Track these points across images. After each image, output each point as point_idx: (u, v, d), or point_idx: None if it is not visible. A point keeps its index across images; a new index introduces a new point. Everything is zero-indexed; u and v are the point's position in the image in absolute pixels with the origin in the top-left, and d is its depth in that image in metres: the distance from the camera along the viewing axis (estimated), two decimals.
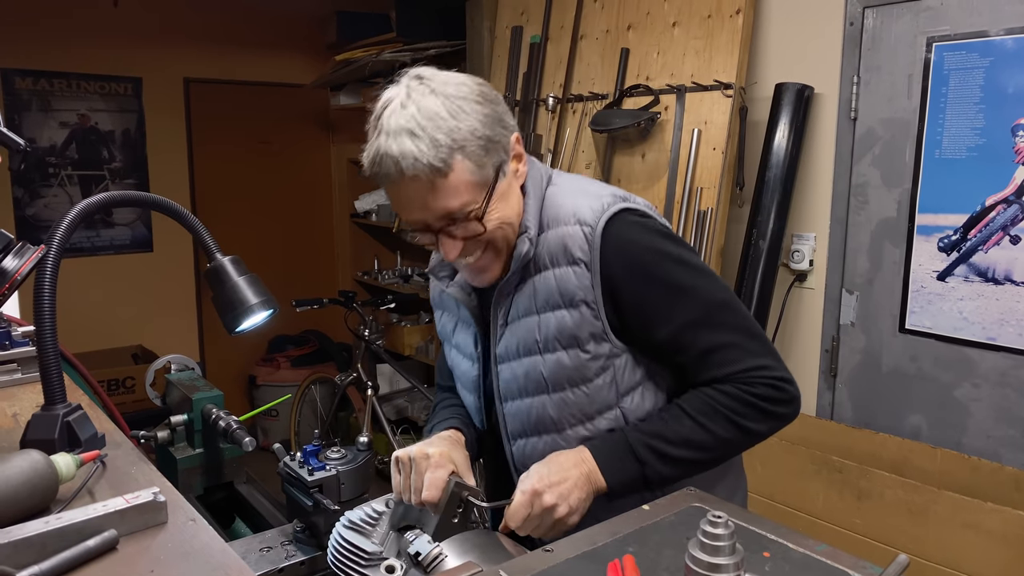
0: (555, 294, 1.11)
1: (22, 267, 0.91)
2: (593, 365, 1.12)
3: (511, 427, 1.19)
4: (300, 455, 1.26)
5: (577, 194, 1.14)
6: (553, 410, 1.14)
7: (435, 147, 0.99)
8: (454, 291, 1.22)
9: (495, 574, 0.77)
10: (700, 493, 0.94)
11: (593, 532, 0.85)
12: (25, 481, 0.84)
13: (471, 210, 1.04)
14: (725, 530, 0.68)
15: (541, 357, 1.13)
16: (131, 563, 0.79)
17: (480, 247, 1.10)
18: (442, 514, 1.02)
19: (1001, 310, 2.19)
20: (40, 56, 4.02)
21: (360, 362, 3.66)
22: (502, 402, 1.18)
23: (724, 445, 1.11)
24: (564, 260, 1.10)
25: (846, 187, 2.49)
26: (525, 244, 1.10)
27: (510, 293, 1.15)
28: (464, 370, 1.27)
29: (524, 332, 1.14)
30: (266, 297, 1.18)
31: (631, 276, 1.09)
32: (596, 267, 1.08)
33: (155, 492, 0.86)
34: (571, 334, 1.10)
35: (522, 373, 1.15)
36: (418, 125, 1.00)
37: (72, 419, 1.02)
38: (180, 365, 1.70)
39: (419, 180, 1.00)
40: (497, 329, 1.17)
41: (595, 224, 1.09)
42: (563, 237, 1.10)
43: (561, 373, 1.12)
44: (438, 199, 1.02)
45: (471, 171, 1.03)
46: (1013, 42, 2.11)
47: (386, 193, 1.09)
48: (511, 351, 1.16)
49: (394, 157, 1.00)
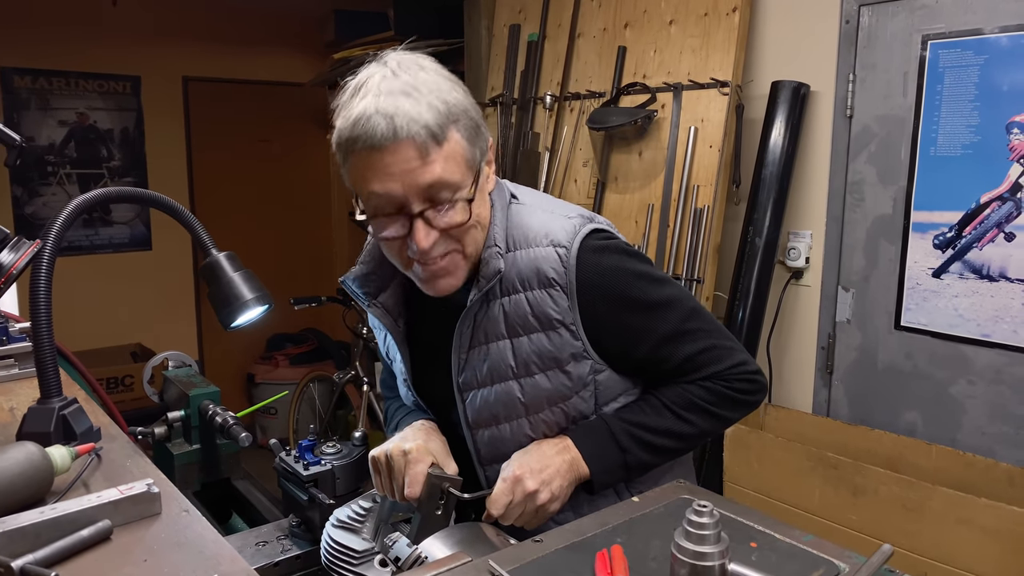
0: (529, 317, 1.05)
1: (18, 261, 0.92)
2: (573, 384, 1.09)
3: (484, 454, 1.13)
4: (296, 450, 1.27)
5: (544, 213, 1.09)
6: (532, 430, 1.10)
7: (433, 111, 0.92)
8: (378, 313, 1.13)
9: (484, 564, 0.78)
10: (689, 485, 0.95)
11: (582, 523, 0.86)
12: (21, 472, 0.85)
13: (460, 192, 0.96)
14: (710, 519, 0.69)
15: (517, 382, 1.08)
16: (125, 553, 0.80)
17: (450, 247, 1.01)
18: (424, 508, 1.02)
19: (996, 307, 2.19)
20: (39, 55, 4.03)
21: (358, 360, 3.67)
22: (471, 430, 1.12)
23: (701, 434, 1.15)
24: (537, 283, 1.05)
25: (842, 185, 2.50)
26: (499, 261, 1.04)
27: (475, 316, 1.08)
28: (404, 393, 1.22)
29: (495, 358, 1.07)
30: (261, 293, 1.19)
31: (607, 299, 1.06)
32: (572, 289, 1.04)
33: (149, 483, 0.87)
34: (551, 356, 1.06)
35: (495, 399, 1.09)
36: (415, 89, 0.93)
37: (68, 412, 1.02)
38: (177, 362, 1.70)
39: (411, 145, 0.92)
40: (458, 356, 1.10)
41: (569, 245, 1.05)
42: (535, 259, 1.05)
43: (540, 395, 1.08)
44: (430, 169, 0.93)
45: (464, 147, 0.96)
46: (1008, 40, 2.11)
47: (352, 168, 0.97)
48: (478, 378, 1.09)
49: (387, 114, 0.91)
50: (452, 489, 1.03)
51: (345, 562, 1.02)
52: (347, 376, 3.72)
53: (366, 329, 3.66)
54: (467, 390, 1.11)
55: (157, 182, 4.42)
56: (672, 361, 1.10)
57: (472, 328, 1.08)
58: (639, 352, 1.10)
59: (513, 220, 1.08)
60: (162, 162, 4.45)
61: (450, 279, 1.04)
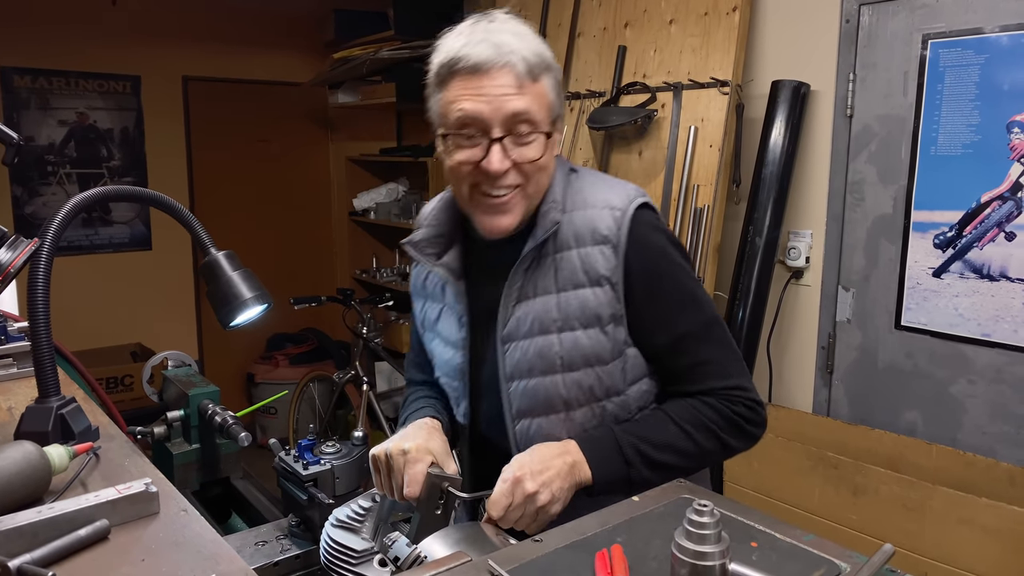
0: (579, 272, 1.10)
1: (15, 259, 0.92)
2: (610, 347, 1.11)
3: (517, 406, 1.15)
4: (295, 450, 1.27)
5: (603, 183, 1.17)
6: (565, 390, 1.12)
7: (533, 53, 1.03)
8: (441, 271, 1.18)
9: (484, 564, 0.77)
10: (689, 484, 0.95)
11: (582, 523, 0.86)
12: (18, 472, 0.85)
13: (537, 127, 1.05)
14: (711, 519, 0.69)
15: (557, 336, 1.11)
16: (123, 552, 0.80)
17: (517, 181, 1.07)
18: (423, 508, 1.01)
19: (996, 307, 2.19)
20: (39, 54, 4.03)
21: (358, 360, 3.67)
22: (507, 382, 1.14)
23: (703, 456, 1.14)
24: (590, 240, 1.10)
25: (842, 184, 2.50)
26: (557, 214, 1.11)
27: (526, 271, 1.13)
28: (447, 358, 1.23)
29: (540, 310, 1.11)
30: (260, 292, 1.19)
31: (646, 274, 1.11)
32: (622, 248, 1.09)
33: (147, 483, 0.87)
34: (593, 313, 1.10)
35: (535, 352, 1.12)
36: (519, 34, 1.04)
37: (66, 412, 1.02)
38: (177, 361, 1.70)
39: (510, 72, 1.01)
40: (506, 309, 1.13)
41: (624, 209, 1.11)
42: (591, 219, 1.11)
43: (578, 353, 1.11)
44: (520, 98, 1.02)
45: (551, 96, 1.06)
46: (1008, 39, 2.11)
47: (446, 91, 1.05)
48: (522, 330, 1.13)
49: (494, 43, 1.01)
50: (451, 489, 1.02)
51: (344, 562, 1.02)
52: (347, 376, 3.71)
53: (366, 329, 3.66)
54: (508, 341, 1.14)
55: (157, 182, 4.42)
56: (686, 360, 1.13)
57: (522, 282, 1.13)
58: (657, 340, 1.13)
59: (573, 186, 1.15)
60: (162, 162, 4.45)
61: (508, 217, 1.09)
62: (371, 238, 4.95)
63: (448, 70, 1.04)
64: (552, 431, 1.14)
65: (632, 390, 1.16)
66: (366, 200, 4.70)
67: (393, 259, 4.93)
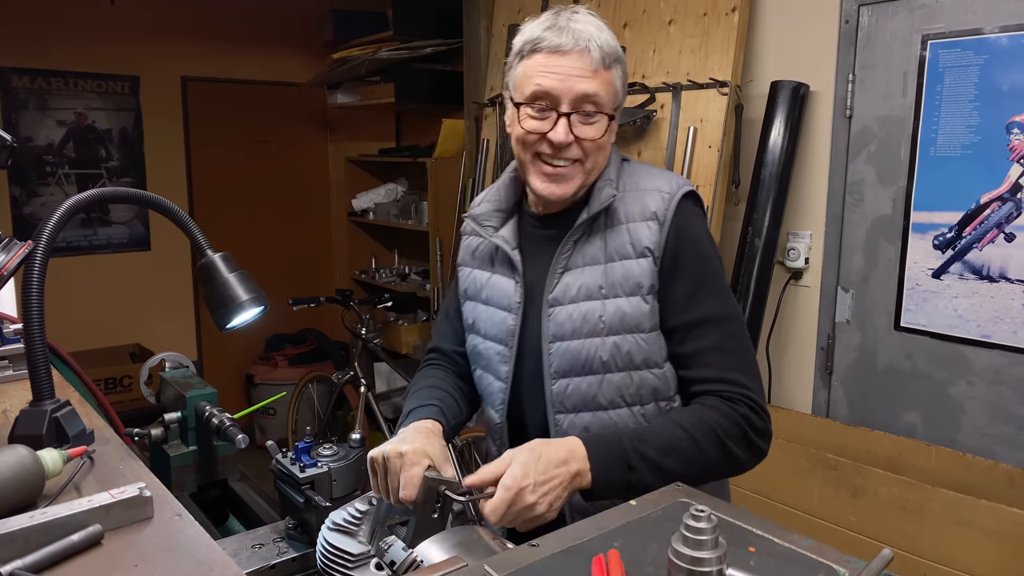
0: (627, 244, 1.19)
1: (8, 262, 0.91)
2: (651, 317, 1.18)
3: (556, 366, 1.21)
4: (292, 452, 1.26)
5: (655, 171, 1.27)
6: (604, 353, 1.19)
7: (609, 46, 1.15)
8: (500, 242, 1.28)
9: (480, 569, 0.77)
10: (687, 489, 0.94)
11: (579, 527, 0.85)
12: (11, 476, 0.84)
13: (605, 109, 1.15)
14: (708, 524, 0.68)
15: (602, 302, 1.19)
16: (116, 558, 0.79)
17: (578, 155, 1.17)
18: (420, 511, 1.01)
19: (996, 308, 2.19)
20: (37, 55, 4.02)
21: (357, 361, 3.67)
22: (549, 343, 1.22)
23: (707, 465, 1.14)
24: (639, 216, 1.19)
25: (841, 185, 2.50)
26: (611, 189, 1.21)
27: (576, 242, 1.22)
28: (497, 321, 1.29)
29: (587, 278, 1.20)
30: (257, 293, 1.19)
31: (680, 251, 1.18)
32: (667, 225, 1.18)
33: (141, 487, 0.86)
34: (636, 282, 1.18)
35: (579, 316, 1.20)
36: (599, 25, 1.16)
37: (60, 415, 1.02)
38: (174, 363, 1.70)
39: (585, 57, 1.12)
40: (553, 275, 1.22)
41: (673, 192, 1.20)
42: (643, 199, 1.21)
43: (619, 318, 1.18)
44: (591, 81, 1.13)
45: (617, 84, 1.17)
46: (1008, 40, 2.11)
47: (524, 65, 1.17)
48: (569, 295, 1.21)
49: (576, 30, 1.13)
50: (449, 492, 1.02)
51: (341, 566, 1.01)
52: (346, 377, 3.71)
53: (365, 330, 3.66)
54: (554, 305, 1.22)
55: (156, 182, 4.42)
56: (695, 344, 1.18)
57: (572, 252, 1.22)
58: (676, 319, 1.19)
59: (626, 171, 1.26)
60: (161, 162, 4.44)
61: (565, 185, 1.19)
62: (370, 239, 4.95)
63: (531, 47, 1.15)
64: (588, 392, 1.20)
65: (667, 365, 1.21)
66: (365, 200, 4.69)
67: (392, 260, 4.93)
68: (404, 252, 4.88)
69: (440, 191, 3.93)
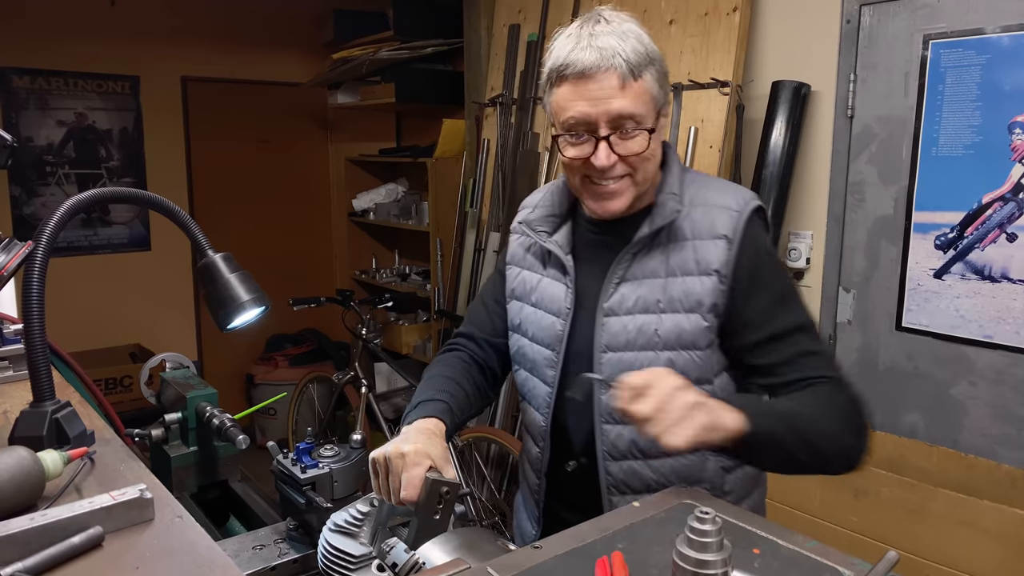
0: (690, 262, 1.18)
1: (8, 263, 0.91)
2: (707, 335, 1.17)
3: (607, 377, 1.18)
4: (293, 453, 1.26)
5: (721, 185, 1.24)
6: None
7: (636, 52, 1.10)
8: (552, 247, 1.28)
9: (483, 571, 0.77)
10: (690, 490, 0.94)
11: (582, 529, 0.85)
12: (11, 478, 0.84)
13: (640, 123, 1.12)
14: (712, 526, 0.68)
15: (658, 316, 1.18)
16: (116, 560, 0.79)
17: (625, 170, 1.15)
18: (422, 513, 1.00)
19: (998, 308, 2.18)
20: (37, 54, 4.02)
21: (358, 361, 3.66)
22: (601, 352, 1.22)
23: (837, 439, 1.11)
24: (707, 235, 1.18)
25: (843, 185, 2.49)
26: (676, 204, 1.18)
27: (635, 254, 1.21)
28: (545, 325, 1.29)
29: (645, 291, 1.20)
30: (258, 294, 1.18)
31: (755, 268, 1.17)
32: (736, 244, 1.16)
33: (142, 489, 0.86)
34: (697, 299, 1.17)
35: (634, 328, 1.19)
36: (623, 33, 1.11)
37: (61, 416, 1.01)
38: (175, 363, 1.69)
39: (612, 75, 1.09)
40: (610, 284, 1.22)
41: (741, 210, 1.18)
42: (710, 216, 1.18)
43: (675, 334, 1.18)
44: (623, 98, 1.10)
45: (654, 87, 1.13)
46: (1010, 39, 2.10)
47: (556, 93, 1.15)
48: (625, 306, 1.20)
49: (599, 48, 1.09)
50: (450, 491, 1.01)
51: (343, 567, 1.01)
52: (346, 377, 3.70)
53: (365, 330, 3.65)
54: (609, 315, 1.21)
55: (156, 182, 4.41)
56: (789, 350, 1.16)
57: (630, 263, 1.21)
58: (760, 332, 1.16)
59: (691, 183, 1.23)
60: (161, 162, 4.44)
61: (618, 201, 1.18)
62: (370, 239, 4.94)
63: (558, 75, 1.13)
64: None
65: (717, 381, 1.21)
66: (365, 200, 4.69)
67: (392, 260, 4.92)
68: (404, 252, 4.87)
69: (440, 191, 3.93)
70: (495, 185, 3.46)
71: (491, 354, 1.42)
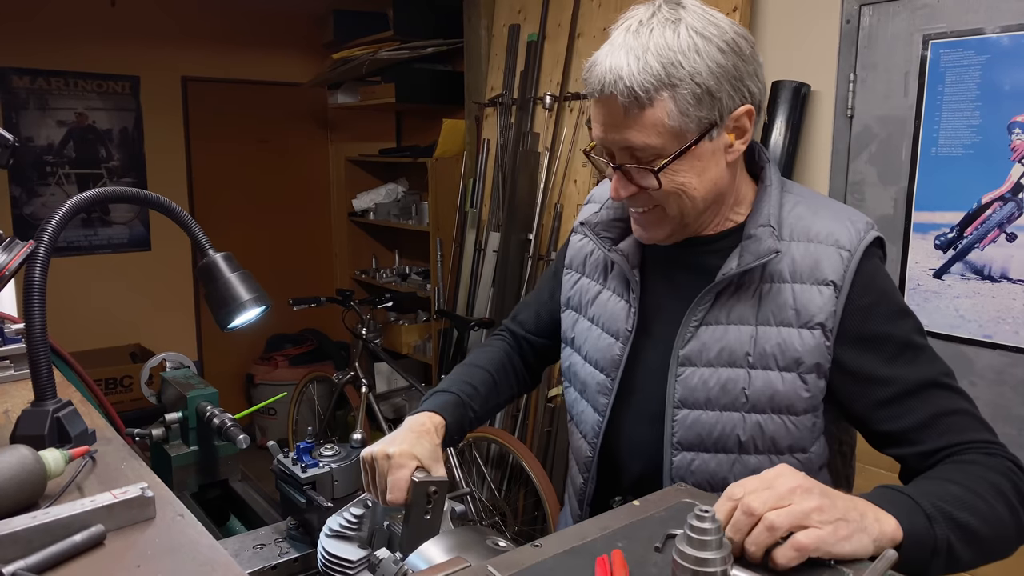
0: (788, 309, 1.00)
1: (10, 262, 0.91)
2: (805, 397, 1.00)
3: (682, 437, 1.06)
4: (294, 452, 1.26)
5: (827, 212, 1.04)
6: (743, 431, 1.02)
7: (645, 73, 0.92)
8: (617, 258, 1.12)
9: (483, 569, 0.77)
10: (690, 488, 0.94)
11: (582, 528, 0.85)
12: (12, 476, 0.84)
13: (652, 159, 0.96)
14: (712, 524, 0.68)
15: (747, 371, 1.01)
16: (118, 558, 0.79)
17: (650, 203, 1.01)
18: (412, 515, 0.99)
19: (997, 308, 2.19)
20: (37, 55, 4.02)
21: (358, 361, 3.66)
22: (676, 408, 1.06)
23: (998, 521, 0.89)
24: (810, 278, 0.99)
25: (843, 185, 2.49)
26: (773, 241, 0.99)
27: (719, 293, 1.04)
28: (602, 347, 1.14)
29: (732, 340, 1.02)
30: (258, 293, 1.18)
31: (871, 320, 0.98)
32: (845, 294, 0.98)
33: (143, 487, 0.86)
34: (795, 357, 0.99)
35: (716, 383, 1.03)
36: (641, 47, 0.93)
37: (62, 415, 1.01)
38: (175, 363, 1.70)
39: (615, 101, 0.94)
40: (687, 327, 1.05)
41: (854, 250, 0.99)
42: (816, 255, 0.99)
43: (767, 395, 1.01)
44: (625, 129, 0.95)
45: (672, 115, 0.93)
46: (1009, 39, 2.11)
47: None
48: (706, 356, 1.03)
49: (603, 67, 0.94)
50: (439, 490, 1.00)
51: (341, 574, 1.01)
52: (346, 377, 3.71)
53: (365, 330, 3.65)
54: (686, 365, 1.05)
55: (156, 182, 4.42)
56: (918, 413, 0.96)
57: (713, 303, 1.04)
58: (882, 393, 0.98)
59: (791, 209, 1.04)
60: (161, 162, 4.45)
61: (653, 231, 1.04)
62: (370, 239, 4.95)
63: (584, 83, 1.00)
64: (718, 471, 1.05)
65: (814, 448, 1.04)
66: (365, 201, 4.70)
67: (392, 260, 4.93)
68: (404, 252, 4.88)
69: (440, 191, 3.93)
70: (495, 185, 3.46)
71: (530, 349, 1.36)
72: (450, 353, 3.46)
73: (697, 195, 1.00)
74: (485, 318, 3.32)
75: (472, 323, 3.25)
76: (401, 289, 4.38)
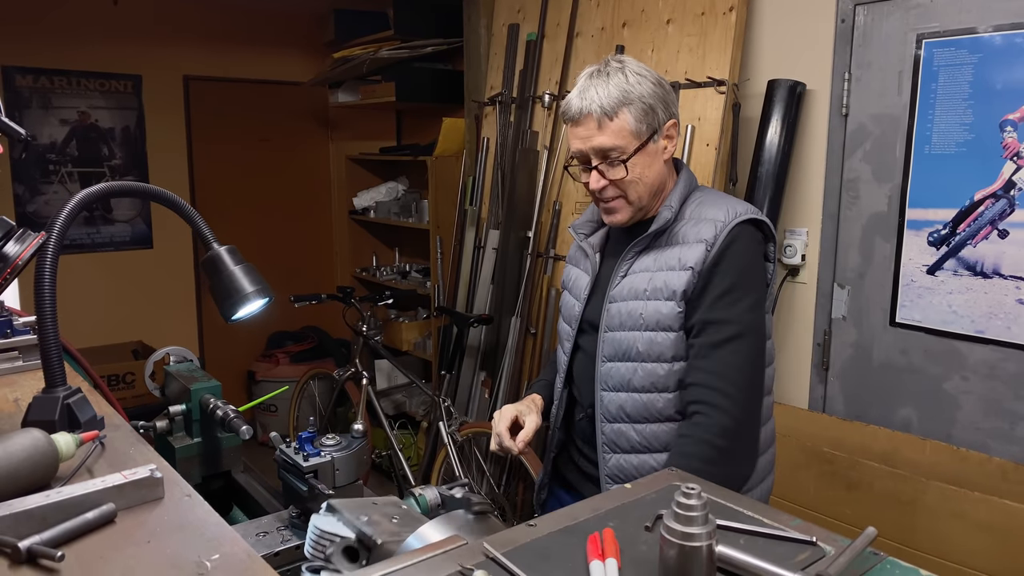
0: (674, 259, 1.41)
1: (23, 252, 0.94)
2: (679, 319, 1.41)
3: (605, 351, 1.49)
4: (296, 442, 1.29)
5: (723, 203, 1.45)
6: (641, 344, 1.44)
7: (610, 97, 1.38)
8: (585, 246, 1.59)
9: (479, 547, 0.80)
10: (680, 473, 0.97)
11: (575, 508, 0.88)
12: (27, 457, 0.87)
13: (621, 154, 1.39)
14: (698, 501, 0.71)
15: (644, 302, 1.43)
16: (128, 534, 0.82)
17: (617, 193, 1.44)
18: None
19: (990, 303, 2.21)
20: (40, 54, 4.05)
21: (358, 357, 3.69)
22: (603, 332, 1.49)
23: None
24: (694, 240, 1.41)
25: (837, 182, 2.52)
26: (668, 212, 1.44)
27: (637, 254, 1.48)
28: (570, 306, 1.61)
29: (638, 282, 1.45)
30: (262, 286, 1.21)
31: (718, 265, 1.38)
32: (715, 249, 1.38)
33: (152, 468, 0.89)
34: (673, 290, 1.40)
35: (626, 312, 1.45)
36: (603, 83, 1.40)
37: (72, 401, 1.04)
38: (178, 357, 1.72)
39: (590, 118, 1.39)
40: (616, 276, 1.49)
41: (727, 222, 1.40)
42: (700, 226, 1.42)
43: (654, 317, 1.42)
44: (600, 136, 1.39)
45: (631, 124, 1.39)
46: (1001, 39, 2.13)
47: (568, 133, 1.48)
48: (623, 295, 1.47)
49: (579, 99, 1.40)
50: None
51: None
52: (347, 373, 3.73)
53: (366, 327, 3.68)
54: (613, 301, 1.48)
55: (158, 181, 4.44)
56: (698, 343, 1.39)
57: (632, 259, 1.48)
58: (695, 317, 1.39)
59: (694, 200, 1.48)
60: (163, 161, 4.47)
61: (618, 215, 1.48)
62: (371, 237, 4.98)
63: (564, 117, 1.47)
64: (626, 375, 1.45)
65: (677, 365, 1.43)
66: (366, 199, 4.72)
67: (393, 257, 4.95)
68: (405, 250, 4.91)
69: (440, 189, 3.96)
70: (494, 183, 3.49)
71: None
72: (450, 350, 3.49)
73: (648, 182, 1.45)
74: (484, 315, 3.34)
75: (472, 320, 3.27)
76: (401, 286, 4.40)
